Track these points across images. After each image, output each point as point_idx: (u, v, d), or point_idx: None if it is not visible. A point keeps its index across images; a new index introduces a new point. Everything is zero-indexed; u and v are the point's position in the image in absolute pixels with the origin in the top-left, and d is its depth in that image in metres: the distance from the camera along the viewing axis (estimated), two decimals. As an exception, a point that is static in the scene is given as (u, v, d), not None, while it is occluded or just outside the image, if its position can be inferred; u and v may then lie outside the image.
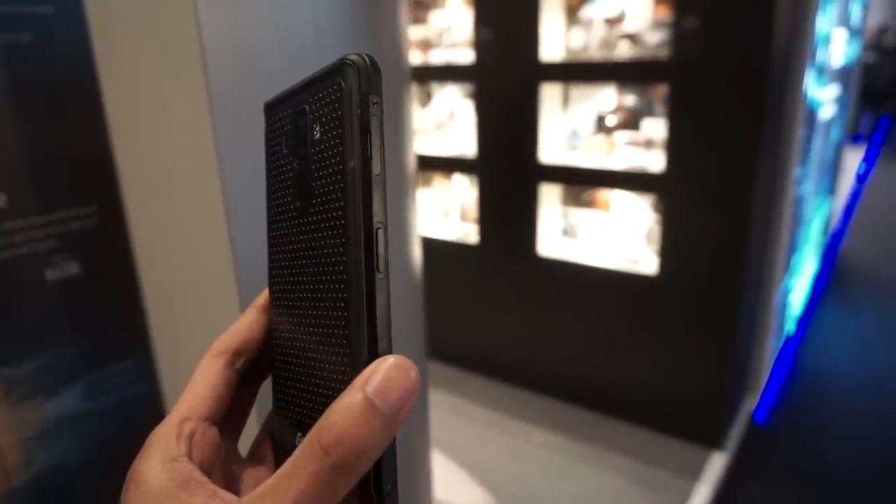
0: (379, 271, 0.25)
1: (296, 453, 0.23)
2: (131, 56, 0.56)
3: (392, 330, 0.26)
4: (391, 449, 0.25)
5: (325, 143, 0.26)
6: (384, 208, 0.25)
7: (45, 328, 0.56)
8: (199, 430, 0.28)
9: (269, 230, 0.32)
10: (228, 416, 0.31)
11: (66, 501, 0.59)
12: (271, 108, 0.32)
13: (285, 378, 0.31)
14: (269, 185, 0.32)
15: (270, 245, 0.32)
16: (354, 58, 0.25)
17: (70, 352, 0.57)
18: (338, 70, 0.25)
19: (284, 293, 0.31)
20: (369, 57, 0.25)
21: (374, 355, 0.25)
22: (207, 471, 0.27)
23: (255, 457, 0.32)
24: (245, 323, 0.32)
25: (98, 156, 0.56)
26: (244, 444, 0.33)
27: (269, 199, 0.32)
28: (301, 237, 0.29)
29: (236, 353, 0.31)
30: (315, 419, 0.26)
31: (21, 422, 0.56)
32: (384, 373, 0.24)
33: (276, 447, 0.32)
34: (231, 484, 0.30)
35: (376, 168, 0.25)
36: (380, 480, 0.25)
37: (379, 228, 0.25)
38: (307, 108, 0.28)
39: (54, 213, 0.53)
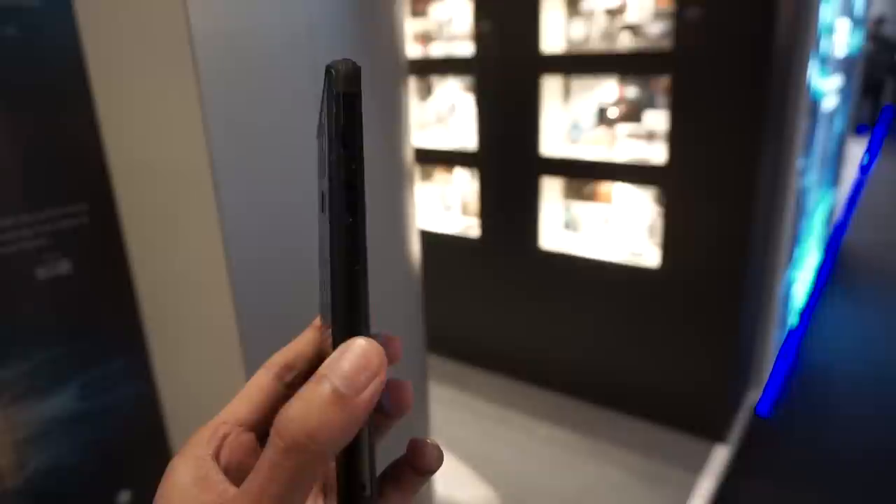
0: (358, 264, 0.26)
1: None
2: (120, 50, 0.54)
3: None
4: (366, 451, 0.25)
5: (324, 144, 0.27)
6: (360, 200, 0.26)
7: (36, 328, 0.55)
8: (233, 433, 0.29)
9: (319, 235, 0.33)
10: (267, 421, 0.32)
11: (60, 502, 0.58)
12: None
13: None
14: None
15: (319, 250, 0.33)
16: (335, 62, 0.26)
17: (62, 351, 0.56)
18: (325, 77, 0.26)
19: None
20: (350, 61, 0.26)
21: None
22: (235, 472, 0.27)
23: None
24: (302, 340, 0.33)
25: (88, 152, 0.55)
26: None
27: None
28: (321, 237, 0.29)
29: (287, 367, 0.32)
30: None
31: (14, 423, 0.55)
32: (339, 351, 0.24)
33: None
34: None
35: (352, 162, 0.26)
36: (356, 485, 0.25)
37: (351, 221, 0.26)
38: (321, 113, 0.29)
39: (44, 211, 0.53)
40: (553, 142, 2.36)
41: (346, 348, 0.24)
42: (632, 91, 2.30)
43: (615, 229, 2.37)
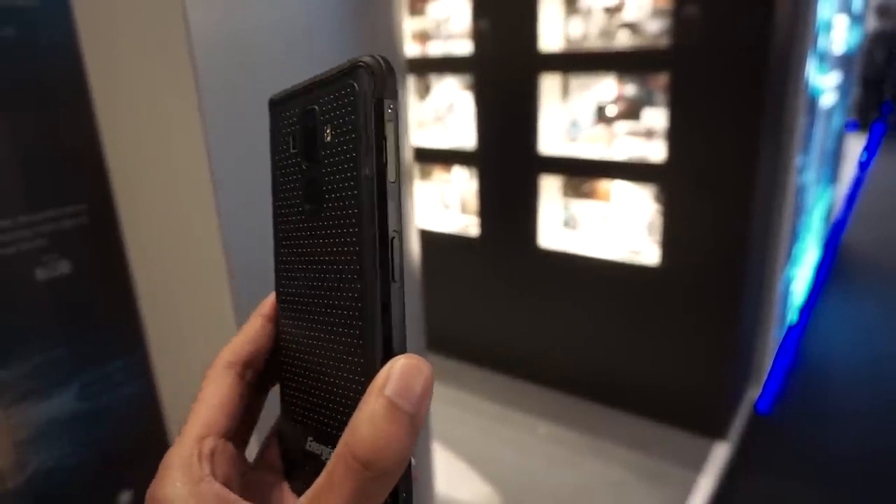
0: (394, 280, 0.25)
1: (330, 468, 0.23)
2: (119, 49, 0.54)
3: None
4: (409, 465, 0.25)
5: (338, 147, 0.26)
6: (399, 216, 0.25)
7: (36, 329, 0.55)
8: (218, 447, 0.27)
9: (276, 231, 0.31)
10: (238, 426, 0.30)
11: (60, 503, 0.58)
12: (278, 105, 0.31)
13: (295, 384, 0.30)
14: (276, 183, 0.31)
15: (278, 247, 0.31)
16: (368, 60, 0.24)
17: (62, 352, 0.56)
18: (350, 72, 0.25)
19: (294, 297, 0.30)
20: (384, 59, 0.25)
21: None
22: (229, 487, 0.26)
23: (261, 464, 0.32)
24: (251, 332, 0.31)
25: (87, 152, 0.55)
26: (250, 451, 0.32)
27: (276, 199, 0.31)
28: (311, 241, 0.28)
29: (246, 365, 0.30)
30: (329, 425, 0.27)
31: (14, 424, 0.55)
32: (399, 373, 0.23)
33: (285, 454, 0.31)
34: (243, 494, 0.29)
35: (391, 176, 0.25)
36: (396, 489, 0.25)
37: (394, 237, 0.25)
38: (316, 108, 0.27)
39: (43, 211, 0.53)
40: (551, 140, 2.36)
41: (400, 366, 0.24)
42: (630, 89, 2.30)
43: (614, 227, 2.37)
